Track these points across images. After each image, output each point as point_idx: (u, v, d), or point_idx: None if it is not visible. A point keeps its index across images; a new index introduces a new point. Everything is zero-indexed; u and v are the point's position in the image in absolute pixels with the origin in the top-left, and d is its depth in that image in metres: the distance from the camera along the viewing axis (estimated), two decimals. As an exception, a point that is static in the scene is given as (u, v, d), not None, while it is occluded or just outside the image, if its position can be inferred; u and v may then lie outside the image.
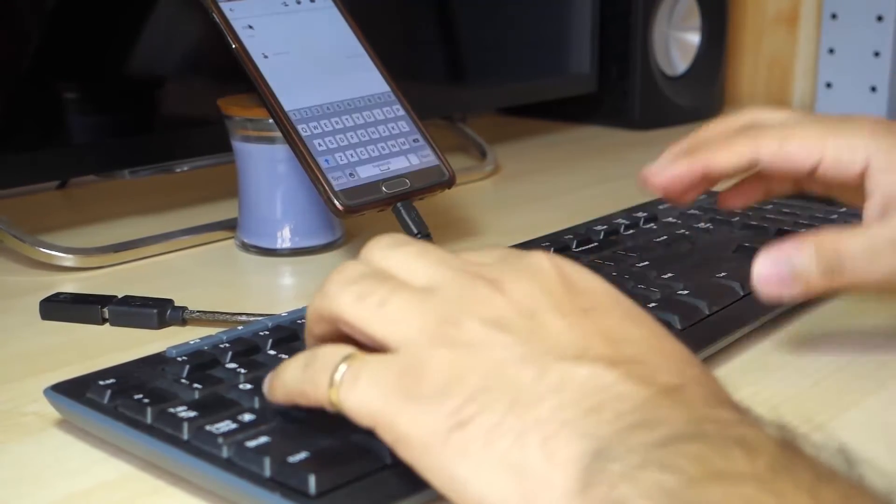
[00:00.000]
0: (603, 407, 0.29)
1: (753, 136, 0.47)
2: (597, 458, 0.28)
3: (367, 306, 0.34)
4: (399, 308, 0.33)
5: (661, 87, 1.09)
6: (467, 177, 0.85)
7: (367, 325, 0.34)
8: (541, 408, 0.30)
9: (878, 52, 1.13)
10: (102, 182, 0.79)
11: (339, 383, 0.33)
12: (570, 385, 0.30)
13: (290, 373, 0.36)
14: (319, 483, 0.33)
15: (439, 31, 0.91)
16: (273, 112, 0.59)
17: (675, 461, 0.27)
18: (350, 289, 0.35)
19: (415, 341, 0.33)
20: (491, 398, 0.30)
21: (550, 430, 0.29)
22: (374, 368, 0.33)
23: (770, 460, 0.26)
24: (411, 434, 0.31)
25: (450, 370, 0.31)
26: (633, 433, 0.28)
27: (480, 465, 0.30)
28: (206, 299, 0.56)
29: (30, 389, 0.45)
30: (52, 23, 0.68)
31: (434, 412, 0.31)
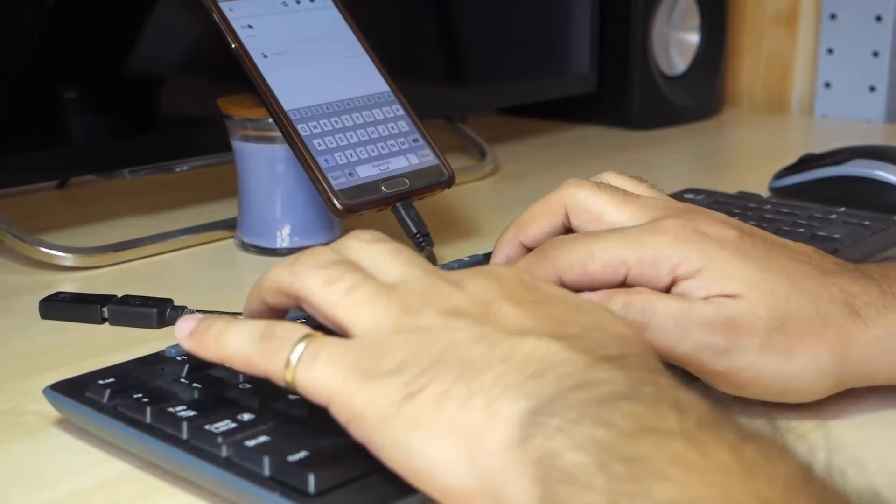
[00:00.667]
0: (545, 371, 0.31)
1: (552, 260, 0.44)
2: (536, 414, 0.30)
3: (334, 290, 0.35)
4: (365, 297, 0.35)
5: (661, 87, 1.09)
6: (467, 176, 0.85)
7: (331, 309, 0.35)
8: (486, 375, 0.32)
9: (877, 51, 1.13)
10: (102, 182, 0.79)
11: (296, 362, 0.34)
12: (515, 355, 0.32)
13: (238, 338, 0.36)
14: (319, 482, 0.33)
15: (439, 30, 0.91)
16: (273, 112, 0.59)
17: (609, 416, 0.28)
18: (321, 272, 0.36)
19: (375, 327, 0.34)
20: (441, 370, 0.32)
21: (495, 394, 0.31)
22: (332, 349, 0.34)
23: (698, 419, 0.28)
24: (367, 411, 0.32)
25: (406, 350, 0.33)
26: (572, 391, 0.30)
27: (430, 434, 0.31)
28: (205, 299, 0.56)
29: (29, 389, 0.45)
30: (52, 23, 0.68)
31: (388, 387, 0.32)
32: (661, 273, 0.42)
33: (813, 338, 0.41)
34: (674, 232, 0.43)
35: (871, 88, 1.15)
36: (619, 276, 0.43)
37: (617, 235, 0.43)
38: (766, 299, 0.41)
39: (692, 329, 0.41)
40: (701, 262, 0.42)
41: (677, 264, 0.42)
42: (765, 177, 0.78)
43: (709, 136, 1.10)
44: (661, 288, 0.42)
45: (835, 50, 1.17)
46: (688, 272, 0.42)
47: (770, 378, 0.41)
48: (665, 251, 0.42)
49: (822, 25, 1.17)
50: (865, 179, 0.72)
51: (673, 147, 1.04)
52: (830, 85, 1.18)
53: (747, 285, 0.41)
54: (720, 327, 0.41)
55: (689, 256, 0.42)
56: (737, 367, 0.41)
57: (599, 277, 0.43)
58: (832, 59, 1.17)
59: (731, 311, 0.41)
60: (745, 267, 0.42)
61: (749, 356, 0.41)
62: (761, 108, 1.24)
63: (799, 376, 0.41)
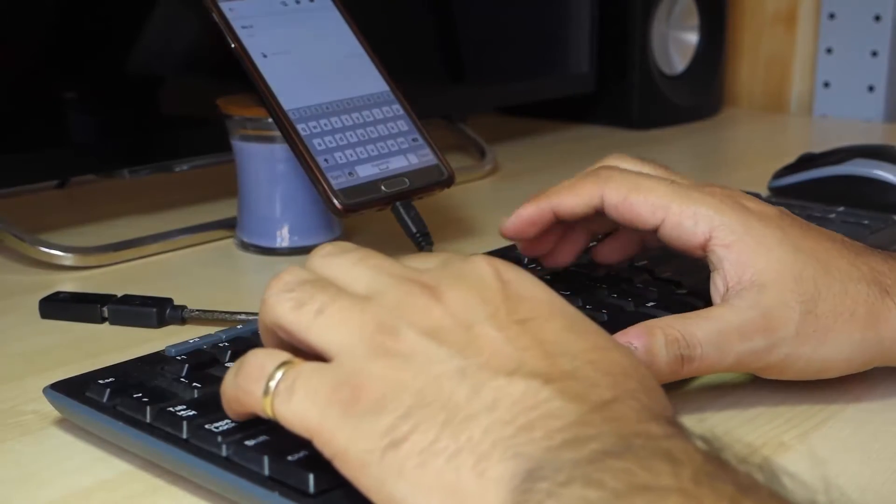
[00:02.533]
0: (534, 425, 0.30)
1: (602, 180, 0.46)
2: (526, 479, 0.28)
3: (304, 313, 0.33)
4: (337, 316, 0.33)
5: (660, 87, 1.09)
6: (466, 176, 0.85)
7: (304, 333, 0.33)
8: (474, 427, 0.30)
9: (876, 51, 1.13)
10: (102, 181, 0.79)
11: (273, 393, 0.33)
12: (503, 402, 0.30)
13: (225, 380, 0.35)
14: (318, 482, 0.33)
15: (439, 30, 0.91)
16: (272, 111, 0.59)
17: (600, 476, 0.27)
18: (288, 296, 0.34)
19: (352, 351, 0.32)
20: (425, 415, 0.30)
21: (482, 450, 0.29)
22: (309, 379, 0.32)
23: (694, 472, 0.27)
24: (349, 451, 0.31)
25: (386, 384, 0.31)
26: (562, 451, 0.28)
27: (416, 486, 0.30)
28: (205, 298, 0.56)
29: (29, 388, 0.45)
30: (53, 23, 0.68)
31: (369, 430, 0.31)
32: (698, 229, 0.43)
33: (844, 317, 0.42)
34: (720, 197, 0.44)
35: (870, 88, 1.15)
36: (657, 218, 0.44)
37: (668, 182, 0.45)
38: (795, 285, 0.42)
39: (732, 342, 0.42)
40: (739, 232, 0.43)
41: (716, 227, 0.43)
42: (764, 176, 0.78)
43: (708, 135, 1.10)
44: (692, 245, 0.44)
45: (834, 49, 1.17)
46: (724, 239, 0.43)
47: (807, 361, 0.42)
48: (708, 211, 0.44)
49: (821, 25, 1.17)
50: (865, 179, 0.72)
51: (672, 147, 1.04)
52: (829, 84, 1.18)
53: (776, 268, 0.42)
54: (756, 329, 0.42)
55: (730, 223, 0.43)
56: (777, 360, 0.42)
57: (637, 211, 0.45)
58: (831, 58, 1.17)
59: (762, 307, 0.42)
60: (779, 244, 0.43)
61: (787, 347, 0.42)
62: (760, 108, 1.24)
63: (834, 356, 0.42)
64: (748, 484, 0.27)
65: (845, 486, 0.29)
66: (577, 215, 0.47)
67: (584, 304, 0.49)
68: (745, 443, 0.30)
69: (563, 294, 0.49)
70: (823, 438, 0.42)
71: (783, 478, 0.28)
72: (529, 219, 0.48)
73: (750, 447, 0.29)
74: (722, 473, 0.27)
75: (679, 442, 0.29)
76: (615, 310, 0.49)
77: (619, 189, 0.45)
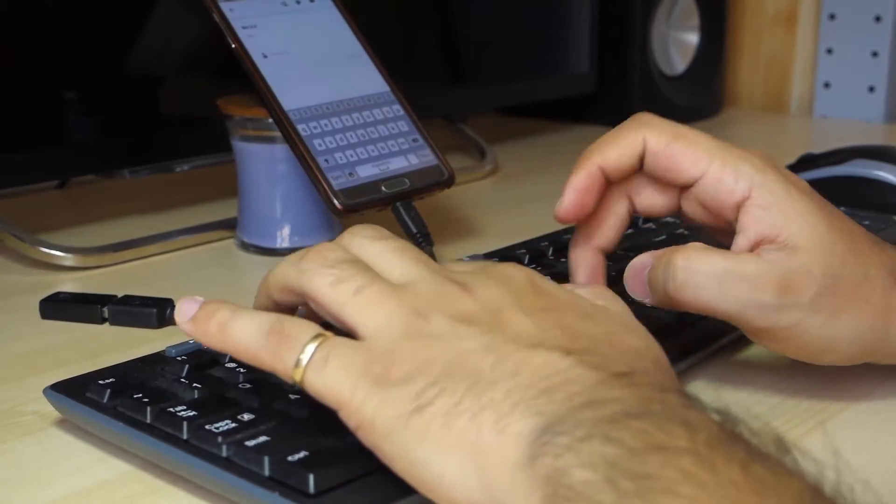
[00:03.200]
0: (555, 388, 0.31)
1: (643, 124, 0.44)
2: (545, 432, 0.29)
3: (342, 291, 0.35)
4: (374, 298, 0.34)
5: (660, 87, 1.09)
6: (466, 176, 0.85)
7: (340, 310, 0.35)
8: (497, 390, 0.31)
9: (876, 52, 1.13)
10: (102, 182, 0.79)
11: (306, 363, 0.34)
12: (525, 370, 0.32)
13: (246, 330, 0.36)
14: (318, 482, 0.33)
15: (439, 30, 0.91)
16: (273, 112, 0.59)
17: (618, 434, 0.28)
18: (328, 271, 0.36)
19: (385, 331, 0.34)
20: (451, 382, 0.32)
21: (504, 410, 0.31)
22: (343, 353, 0.34)
23: (708, 437, 0.28)
24: (376, 419, 0.32)
25: (416, 360, 0.33)
26: (582, 410, 0.30)
27: (439, 446, 0.31)
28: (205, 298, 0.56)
29: (29, 389, 0.45)
30: (53, 22, 0.68)
31: (398, 397, 0.32)
32: (738, 186, 0.42)
33: (859, 301, 0.41)
34: (762, 157, 0.44)
35: (871, 88, 1.15)
36: (698, 170, 0.43)
37: (710, 136, 0.44)
38: (823, 258, 0.41)
39: (738, 287, 0.41)
40: (779, 193, 0.42)
41: (757, 186, 0.42)
42: (764, 177, 0.78)
43: (708, 136, 1.10)
44: (731, 202, 0.42)
45: (834, 50, 1.17)
46: (762, 199, 0.42)
47: (812, 336, 0.41)
48: (751, 170, 0.43)
49: (822, 25, 1.17)
50: (865, 179, 0.72)
51: (672, 147, 1.04)
52: (830, 85, 1.18)
53: (810, 236, 0.41)
54: (770, 284, 0.41)
55: (771, 185, 0.42)
56: (782, 324, 0.41)
57: (678, 161, 0.43)
58: (831, 59, 1.17)
59: (785, 267, 0.41)
60: (815, 214, 0.42)
61: (797, 314, 0.41)
62: (761, 108, 1.24)
63: (839, 337, 0.42)
64: (759, 452, 0.28)
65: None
66: (623, 168, 0.45)
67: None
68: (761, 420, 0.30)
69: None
70: (824, 438, 0.42)
71: (794, 451, 0.29)
72: (583, 187, 0.45)
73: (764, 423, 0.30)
74: (735, 441, 0.28)
75: (695, 412, 0.30)
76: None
77: (662, 134, 0.44)
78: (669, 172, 0.44)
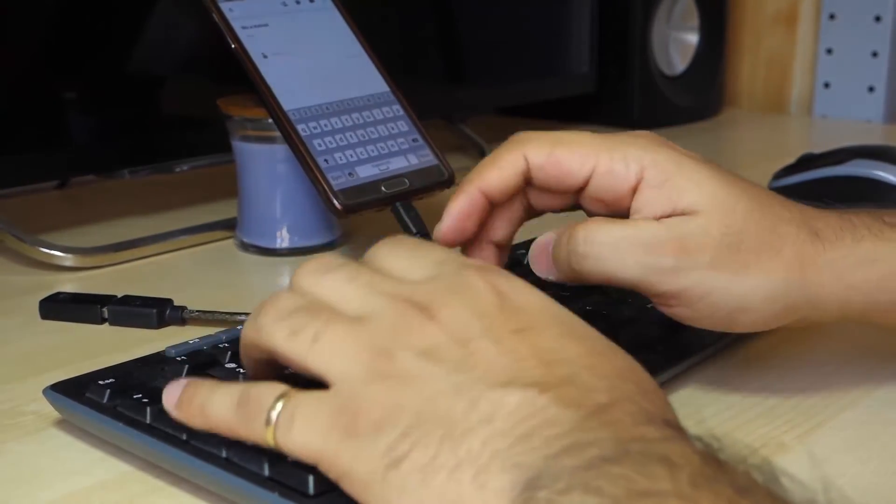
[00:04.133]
0: (532, 434, 0.30)
1: (521, 142, 0.44)
2: (526, 488, 0.28)
3: (300, 342, 0.34)
4: (333, 342, 0.33)
5: (660, 87, 1.09)
6: (466, 177, 0.85)
7: (302, 360, 0.34)
8: (472, 440, 0.30)
9: (876, 52, 1.13)
10: (102, 182, 0.79)
11: (274, 424, 0.33)
12: (500, 413, 0.30)
13: (218, 408, 0.35)
14: (318, 483, 0.33)
15: (439, 30, 0.91)
16: (272, 112, 0.59)
17: (599, 483, 0.27)
18: (283, 323, 0.34)
19: (349, 377, 0.32)
20: (424, 432, 0.31)
21: (482, 463, 0.29)
22: (308, 408, 0.33)
23: (691, 475, 0.27)
24: (352, 471, 0.31)
25: (383, 406, 0.31)
26: (560, 458, 0.29)
27: (419, 503, 0.30)
28: (205, 299, 0.56)
29: (29, 389, 0.45)
30: (53, 22, 0.68)
31: (370, 450, 0.31)
32: (629, 170, 0.42)
33: (768, 255, 0.41)
34: (649, 138, 0.43)
35: (871, 89, 1.15)
36: (586, 169, 0.43)
37: (591, 133, 0.43)
38: (722, 217, 0.41)
39: (635, 252, 0.41)
40: (670, 170, 0.41)
41: (647, 166, 0.42)
42: (764, 177, 0.78)
43: (708, 136, 1.10)
44: (626, 189, 0.42)
45: (834, 50, 1.17)
46: (655, 178, 0.41)
47: (719, 296, 0.41)
48: (638, 152, 0.42)
49: (822, 25, 1.17)
50: (865, 179, 0.72)
51: (672, 147, 1.04)
52: (830, 85, 1.18)
53: (707, 201, 0.41)
54: (667, 247, 0.40)
55: (661, 162, 0.42)
56: (685, 285, 0.41)
57: (565, 166, 0.43)
58: (831, 59, 1.17)
59: (681, 230, 0.40)
60: (710, 180, 0.41)
61: (698, 274, 0.40)
62: (761, 108, 1.24)
63: (749, 295, 0.41)
64: (746, 485, 0.27)
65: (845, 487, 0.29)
66: (506, 190, 0.44)
67: (582, 307, 0.49)
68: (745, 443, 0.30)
69: (562, 295, 0.50)
70: (823, 439, 0.42)
71: (782, 478, 0.28)
72: (463, 212, 0.44)
73: (749, 448, 0.29)
74: (720, 475, 0.27)
75: (676, 445, 0.29)
76: (612, 314, 0.49)
77: (541, 146, 0.43)
78: (560, 180, 0.43)
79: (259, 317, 0.35)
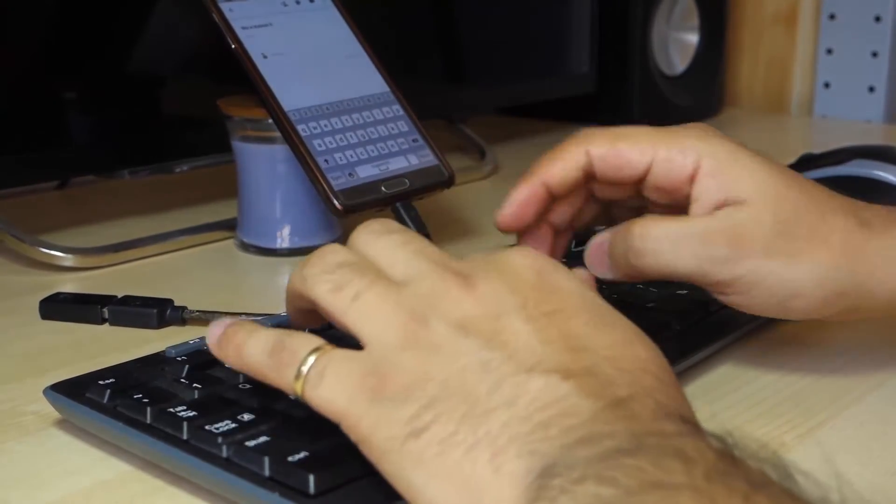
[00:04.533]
0: (551, 422, 0.30)
1: (584, 137, 0.46)
2: (541, 475, 0.29)
3: (341, 297, 0.35)
4: (371, 303, 0.34)
5: (660, 87, 1.09)
6: (466, 176, 0.85)
7: (342, 317, 0.35)
8: (492, 421, 0.31)
9: (876, 52, 1.13)
10: (102, 182, 0.79)
11: (304, 377, 0.34)
12: (522, 399, 0.31)
13: (254, 351, 0.36)
14: (319, 483, 0.33)
15: (439, 31, 0.91)
16: (272, 112, 0.59)
17: (613, 474, 0.27)
18: (327, 277, 0.36)
19: (383, 340, 0.33)
20: (446, 407, 0.31)
21: (499, 445, 0.30)
22: (339, 366, 0.34)
23: (706, 469, 0.27)
24: (372, 437, 0.32)
25: (412, 374, 0.32)
26: (576, 448, 0.29)
27: (434, 475, 0.31)
28: (205, 299, 0.56)
29: (29, 389, 0.45)
30: (52, 22, 0.68)
31: (393, 417, 0.32)
32: (687, 159, 0.43)
33: (817, 242, 0.42)
34: (704, 129, 0.45)
35: (871, 89, 1.15)
36: (646, 158, 0.44)
37: (651, 127, 0.45)
38: (773, 205, 0.42)
39: (691, 244, 0.42)
40: (725, 159, 0.43)
41: (703, 156, 0.43)
42: (764, 177, 0.78)
43: (708, 136, 1.10)
44: (684, 177, 0.44)
45: (834, 50, 1.17)
46: (710, 168, 0.43)
47: (772, 283, 0.42)
48: (695, 142, 0.44)
49: (822, 26, 1.17)
50: (865, 179, 0.72)
51: (672, 147, 1.04)
52: (830, 85, 1.18)
53: (759, 190, 0.42)
54: (721, 237, 0.42)
55: (716, 151, 0.43)
56: (739, 274, 0.42)
57: (626, 157, 0.44)
58: (831, 59, 1.17)
59: (734, 219, 0.42)
60: (762, 171, 0.43)
61: (752, 262, 0.42)
62: (761, 108, 1.24)
63: (801, 281, 0.42)
64: (761, 481, 0.27)
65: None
66: (567, 183, 0.46)
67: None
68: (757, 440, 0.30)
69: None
70: (824, 438, 0.42)
71: (796, 475, 0.28)
72: (524, 201, 0.46)
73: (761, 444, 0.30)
74: (734, 471, 0.28)
75: (692, 440, 0.29)
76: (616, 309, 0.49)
77: (603, 140, 0.45)
78: (621, 170, 0.45)
79: (307, 266, 0.37)
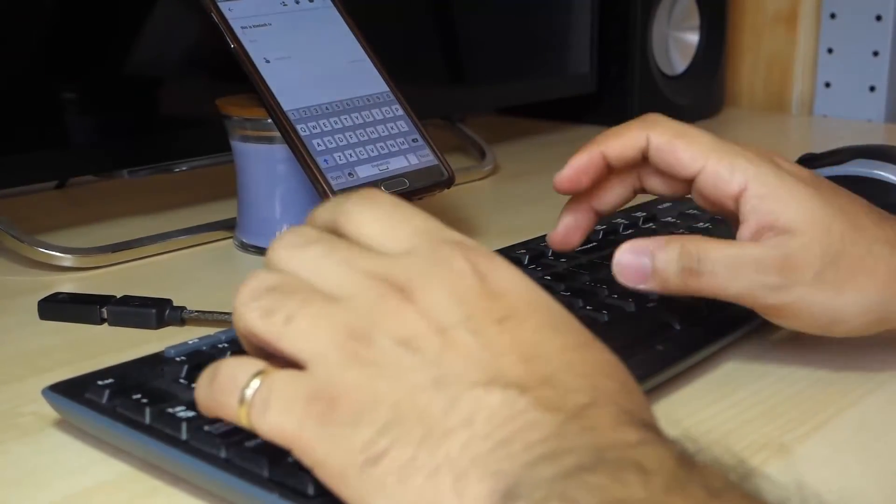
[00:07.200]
0: (513, 438, 0.29)
1: (648, 123, 0.49)
2: (504, 496, 0.28)
3: (273, 322, 0.33)
4: (306, 323, 0.32)
5: (661, 87, 1.09)
6: (466, 177, 0.85)
7: (276, 342, 0.33)
8: (452, 443, 0.30)
9: (877, 51, 1.13)
10: (101, 182, 0.79)
11: (248, 402, 0.32)
12: (480, 415, 0.30)
13: (199, 387, 0.35)
14: (318, 483, 0.33)
15: (439, 31, 0.91)
16: (272, 112, 0.59)
17: (575, 493, 0.27)
18: (255, 304, 0.34)
19: (325, 359, 0.32)
20: (403, 431, 0.30)
21: (461, 468, 0.29)
22: (284, 389, 0.32)
23: (665, 480, 0.27)
24: (328, 462, 0.31)
25: (361, 395, 0.31)
26: (539, 466, 0.28)
27: (397, 503, 0.30)
28: (204, 299, 0.56)
29: (28, 389, 0.45)
30: (52, 22, 0.68)
31: (347, 442, 0.30)
32: (734, 179, 0.45)
33: (864, 275, 0.44)
34: (756, 152, 0.46)
35: (871, 88, 1.15)
36: (696, 165, 0.46)
37: (710, 134, 0.47)
38: (822, 236, 0.44)
39: (745, 270, 0.44)
40: (773, 184, 0.45)
41: (752, 178, 0.45)
42: (765, 177, 0.78)
43: (709, 135, 1.10)
44: (728, 194, 0.45)
45: (835, 50, 1.17)
46: (758, 190, 0.45)
47: (819, 310, 0.44)
48: (745, 163, 0.45)
49: (822, 25, 1.17)
50: (865, 179, 0.72)
51: (673, 147, 1.04)
52: (830, 85, 1.18)
53: (807, 219, 0.44)
54: (774, 266, 0.43)
55: (764, 176, 0.45)
56: (789, 301, 0.44)
57: (679, 156, 0.47)
58: (832, 58, 1.17)
59: (786, 249, 0.43)
60: (811, 198, 0.44)
61: (801, 290, 0.44)
62: (761, 108, 1.24)
63: (846, 309, 0.44)
64: (720, 487, 0.28)
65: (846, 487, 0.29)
66: (625, 158, 0.49)
67: (584, 304, 0.49)
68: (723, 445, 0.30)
69: (563, 295, 0.50)
70: (824, 439, 0.41)
71: (758, 479, 0.28)
72: (582, 166, 0.49)
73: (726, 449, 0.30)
74: (694, 478, 0.28)
75: (651, 449, 0.29)
76: (616, 310, 0.49)
77: (665, 132, 0.47)
78: (671, 167, 0.47)
79: (236, 299, 0.34)
